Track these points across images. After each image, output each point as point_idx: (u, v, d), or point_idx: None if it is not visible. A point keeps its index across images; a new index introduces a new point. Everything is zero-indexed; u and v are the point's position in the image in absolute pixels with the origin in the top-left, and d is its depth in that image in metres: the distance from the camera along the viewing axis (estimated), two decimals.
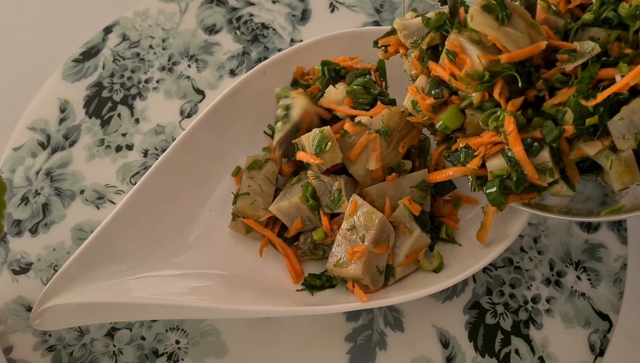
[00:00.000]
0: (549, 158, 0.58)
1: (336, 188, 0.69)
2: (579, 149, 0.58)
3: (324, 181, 0.70)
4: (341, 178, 0.70)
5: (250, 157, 0.77)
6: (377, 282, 0.68)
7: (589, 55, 0.58)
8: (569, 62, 0.59)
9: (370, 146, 0.69)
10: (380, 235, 0.66)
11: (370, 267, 0.66)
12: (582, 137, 0.58)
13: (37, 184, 0.80)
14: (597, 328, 0.72)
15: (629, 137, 0.56)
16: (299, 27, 0.92)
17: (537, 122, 0.59)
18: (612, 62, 0.58)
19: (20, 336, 0.72)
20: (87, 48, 0.90)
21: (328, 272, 0.69)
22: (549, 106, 0.59)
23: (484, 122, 0.61)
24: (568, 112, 0.57)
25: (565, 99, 0.58)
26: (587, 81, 0.58)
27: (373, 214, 0.66)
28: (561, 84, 0.60)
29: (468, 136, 0.63)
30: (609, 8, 0.60)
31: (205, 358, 0.70)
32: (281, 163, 0.77)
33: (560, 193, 0.61)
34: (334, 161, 0.69)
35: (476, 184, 0.63)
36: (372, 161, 0.69)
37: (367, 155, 0.69)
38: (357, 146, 0.69)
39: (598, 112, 0.56)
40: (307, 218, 0.71)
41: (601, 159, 0.57)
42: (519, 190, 0.60)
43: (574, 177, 0.60)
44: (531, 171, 0.58)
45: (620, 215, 0.58)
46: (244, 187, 0.74)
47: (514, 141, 0.58)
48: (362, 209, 0.66)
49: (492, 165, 0.60)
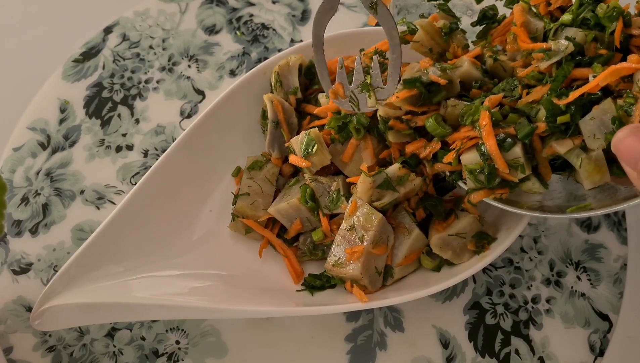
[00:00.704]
0: (520, 154, 0.58)
1: (334, 188, 0.69)
2: (551, 147, 0.59)
3: (322, 182, 0.70)
4: (339, 178, 0.70)
5: (250, 158, 0.77)
6: (376, 283, 0.68)
7: (563, 53, 0.59)
8: (544, 61, 0.60)
9: (362, 145, 0.69)
10: (379, 235, 0.66)
11: (369, 268, 0.66)
12: (554, 135, 0.59)
13: (37, 184, 0.80)
14: (597, 329, 0.72)
15: (599, 137, 0.56)
16: (299, 27, 0.92)
17: (512, 119, 0.60)
18: (586, 62, 0.59)
19: (20, 336, 0.72)
20: (87, 48, 0.90)
21: (327, 272, 0.69)
22: (523, 103, 0.60)
23: (461, 116, 0.62)
24: (541, 110, 0.58)
25: (539, 97, 0.59)
26: (560, 80, 0.58)
27: (372, 215, 0.66)
28: (536, 82, 0.61)
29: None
30: (587, 9, 0.61)
31: (205, 358, 0.71)
32: (282, 164, 0.77)
33: (533, 190, 0.61)
34: (322, 163, 0.69)
35: (452, 179, 0.64)
36: (367, 159, 0.69)
37: (360, 155, 0.69)
38: (349, 147, 0.70)
39: (570, 111, 0.57)
40: (306, 219, 0.71)
41: (572, 157, 0.58)
42: (490, 184, 0.60)
43: (547, 174, 0.61)
44: (502, 166, 0.59)
45: (586, 212, 0.58)
46: (244, 187, 0.74)
47: (487, 136, 0.59)
48: (362, 210, 0.66)
49: (466, 159, 0.61)
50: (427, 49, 0.70)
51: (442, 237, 0.68)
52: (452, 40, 0.70)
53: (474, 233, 0.68)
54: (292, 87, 0.77)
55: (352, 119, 0.69)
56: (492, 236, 0.68)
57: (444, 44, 0.70)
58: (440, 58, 0.70)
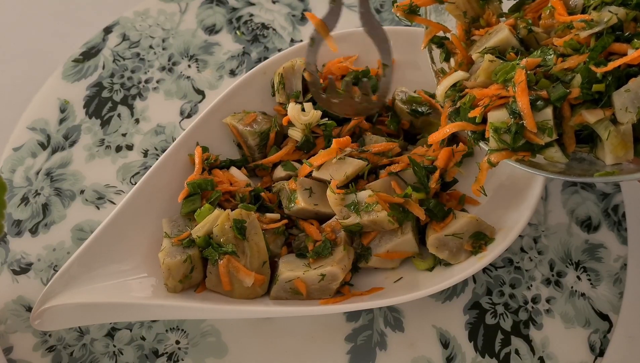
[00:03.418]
0: (550, 116, 0.58)
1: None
2: (580, 116, 0.58)
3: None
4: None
5: None
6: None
7: (605, 25, 0.59)
8: (584, 30, 0.60)
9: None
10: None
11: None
12: (584, 105, 0.59)
13: (37, 184, 0.80)
14: (597, 329, 0.72)
15: (631, 110, 0.56)
16: (299, 27, 0.92)
17: (544, 84, 0.59)
18: (626, 38, 0.59)
19: (21, 336, 0.72)
20: (87, 48, 0.90)
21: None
22: (558, 69, 0.60)
23: (494, 74, 0.62)
24: (576, 78, 0.58)
25: (574, 65, 0.59)
26: (599, 50, 0.58)
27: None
28: (573, 51, 0.60)
29: (476, 86, 0.64)
30: None
31: (206, 358, 0.70)
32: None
33: (554, 158, 0.61)
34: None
35: (473, 138, 0.64)
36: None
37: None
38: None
39: (606, 81, 0.57)
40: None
41: (600, 128, 0.58)
42: (515, 144, 0.60)
43: (570, 145, 0.61)
44: (531, 124, 0.58)
45: (614, 177, 0.58)
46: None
47: (521, 92, 0.58)
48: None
49: (493, 116, 0.60)
50: (461, 12, 0.70)
51: (439, 237, 0.68)
52: (487, 7, 0.69)
53: (471, 234, 0.68)
54: (295, 91, 0.77)
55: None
56: (489, 237, 0.68)
57: (479, 9, 0.70)
58: (472, 23, 0.70)
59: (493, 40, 0.65)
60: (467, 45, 0.69)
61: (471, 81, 0.65)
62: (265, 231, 0.69)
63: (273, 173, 0.76)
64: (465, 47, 0.69)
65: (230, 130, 0.77)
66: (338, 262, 0.67)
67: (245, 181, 0.75)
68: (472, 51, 0.68)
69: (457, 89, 0.65)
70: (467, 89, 0.64)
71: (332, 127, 0.75)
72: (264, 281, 0.68)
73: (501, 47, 0.65)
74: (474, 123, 0.62)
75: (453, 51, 0.70)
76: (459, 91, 0.65)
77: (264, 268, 0.68)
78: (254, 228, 0.67)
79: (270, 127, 0.76)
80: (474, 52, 0.67)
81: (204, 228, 0.67)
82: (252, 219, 0.67)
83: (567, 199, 0.79)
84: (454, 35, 0.69)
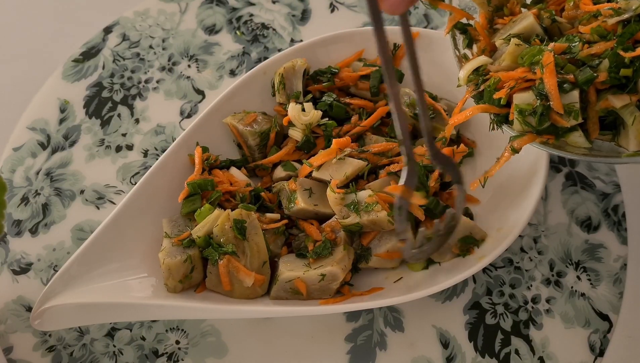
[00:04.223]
0: (577, 99, 0.58)
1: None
2: (606, 100, 0.59)
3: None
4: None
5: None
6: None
7: (633, 12, 0.59)
8: (612, 17, 0.60)
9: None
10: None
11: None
12: (610, 90, 0.59)
13: (37, 184, 0.80)
14: (597, 329, 0.72)
15: None
16: (299, 27, 0.92)
17: (570, 69, 0.60)
18: None
19: (20, 336, 0.72)
20: (87, 48, 0.90)
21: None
22: (585, 54, 0.60)
23: (521, 57, 0.62)
24: (604, 62, 0.59)
25: (601, 51, 0.59)
26: (627, 36, 0.59)
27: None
28: (599, 38, 0.61)
29: (501, 70, 0.64)
30: None
31: (206, 358, 0.70)
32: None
33: (577, 143, 0.61)
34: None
35: (496, 122, 0.64)
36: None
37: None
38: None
39: (633, 66, 0.57)
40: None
41: (625, 114, 0.58)
42: (540, 126, 0.60)
43: (594, 131, 0.61)
44: (558, 106, 0.58)
45: None
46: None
47: (549, 73, 0.59)
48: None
49: (519, 98, 0.60)
50: (484, 1, 0.70)
51: (426, 234, 0.68)
52: None
53: (460, 237, 0.68)
54: (295, 92, 0.77)
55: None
56: (479, 240, 0.69)
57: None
58: (495, 12, 0.70)
59: (518, 27, 0.66)
60: (490, 33, 0.70)
61: (495, 65, 0.65)
62: (265, 231, 0.69)
63: (273, 173, 0.76)
64: (488, 35, 0.69)
65: (231, 130, 0.77)
66: (338, 262, 0.67)
67: (245, 181, 0.75)
68: (496, 37, 0.68)
69: (480, 73, 0.66)
70: (491, 73, 0.65)
71: (332, 128, 0.75)
72: (264, 281, 0.68)
73: (525, 35, 0.66)
74: (498, 106, 0.62)
75: (476, 38, 0.71)
76: (483, 75, 0.65)
77: (264, 268, 0.68)
78: (254, 228, 0.67)
79: (271, 128, 0.76)
80: (497, 38, 0.67)
81: (204, 228, 0.68)
82: (252, 220, 0.67)
83: (567, 199, 0.79)
84: (477, 22, 0.70)
